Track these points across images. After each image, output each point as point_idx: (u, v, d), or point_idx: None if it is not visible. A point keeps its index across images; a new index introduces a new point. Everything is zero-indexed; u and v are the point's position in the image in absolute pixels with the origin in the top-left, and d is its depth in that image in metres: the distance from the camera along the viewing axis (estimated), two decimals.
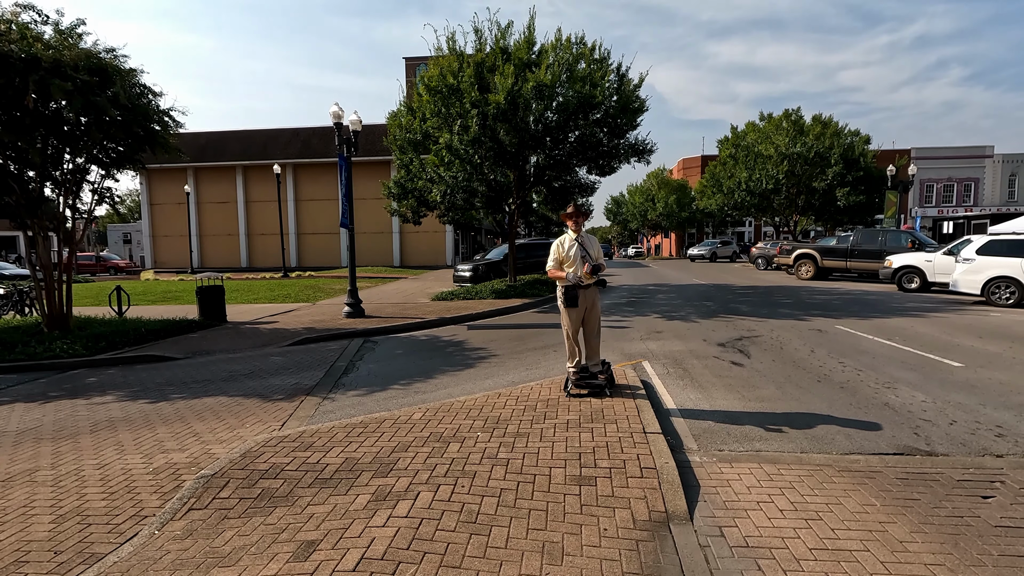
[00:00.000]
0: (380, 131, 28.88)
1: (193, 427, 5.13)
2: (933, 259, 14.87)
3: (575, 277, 5.14)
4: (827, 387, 5.79)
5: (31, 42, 7.90)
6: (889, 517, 3.12)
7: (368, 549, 2.80)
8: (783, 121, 29.88)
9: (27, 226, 9.12)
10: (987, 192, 45.18)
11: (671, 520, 3.09)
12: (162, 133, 9.46)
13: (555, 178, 15.81)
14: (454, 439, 4.30)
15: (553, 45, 13.50)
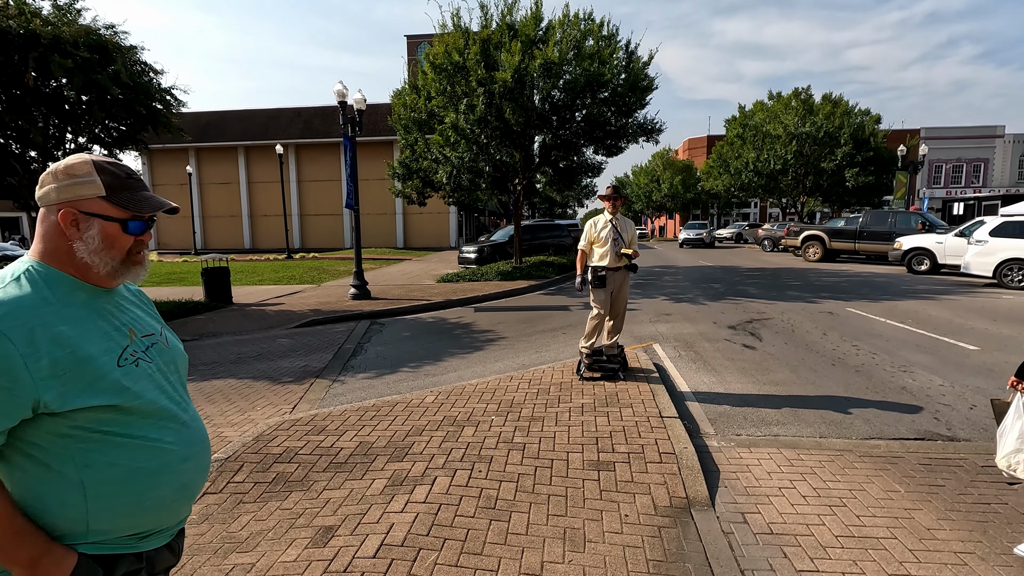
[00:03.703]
0: (383, 111, 28.53)
1: (203, 410, 5.10)
2: (944, 241, 14.70)
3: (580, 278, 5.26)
4: (842, 371, 5.73)
5: (29, 18, 7.73)
6: (915, 504, 3.07)
7: (387, 535, 2.76)
8: (792, 100, 29.39)
9: (31, 207, 9.04)
10: (997, 173, 44.61)
11: (692, 506, 3.05)
12: (164, 112, 9.31)
13: (561, 158, 15.60)
14: (468, 423, 4.26)
15: (561, 21, 13.20)
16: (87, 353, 1.07)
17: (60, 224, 1.11)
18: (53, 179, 1.13)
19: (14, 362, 0.98)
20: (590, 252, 5.27)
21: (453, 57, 12.66)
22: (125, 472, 1.08)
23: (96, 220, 1.12)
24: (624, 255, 5.10)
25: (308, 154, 34.46)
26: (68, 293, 1.12)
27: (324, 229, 34.84)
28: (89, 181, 1.12)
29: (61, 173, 1.12)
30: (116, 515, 1.08)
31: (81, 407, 1.04)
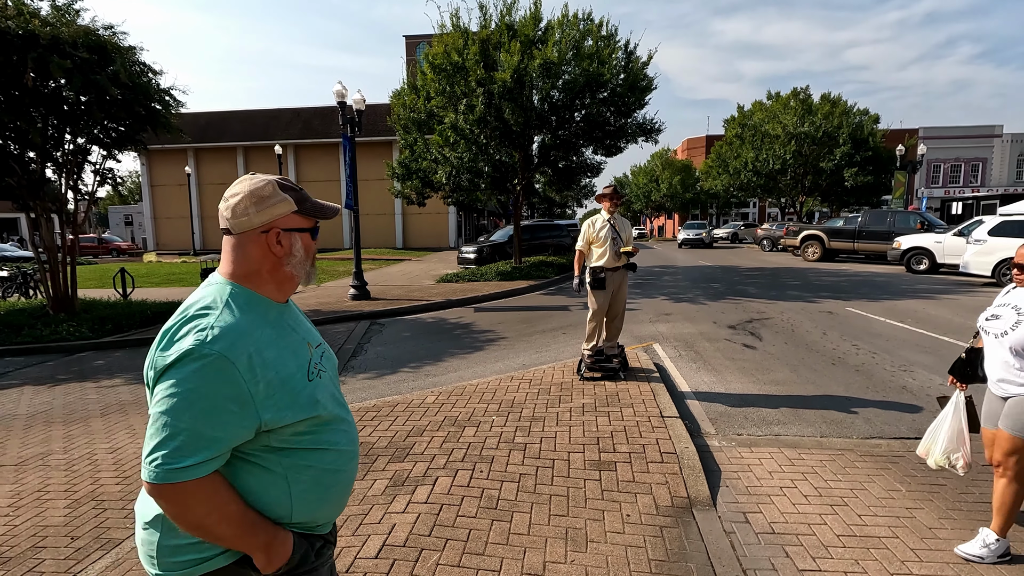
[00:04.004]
0: (382, 111, 28.53)
1: None
2: (943, 240, 14.72)
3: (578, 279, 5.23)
4: (842, 370, 5.73)
5: (28, 18, 7.70)
6: (916, 503, 3.08)
7: (389, 535, 2.76)
8: (791, 100, 29.41)
9: (29, 208, 9.01)
10: (995, 172, 44.67)
11: (694, 506, 3.05)
12: (163, 112, 9.28)
13: (561, 158, 15.61)
14: (469, 423, 4.26)
15: (560, 21, 13.20)
16: (287, 373, 1.17)
17: (265, 244, 1.21)
18: (245, 205, 1.21)
19: (241, 388, 1.08)
20: (588, 252, 5.26)
21: (452, 57, 12.66)
22: (317, 473, 1.22)
23: (295, 234, 1.26)
24: (624, 253, 5.10)
25: (307, 154, 34.44)
26: (264, 313, 1.21)
27: (323, 229, 33.43)
28: (281, 200, 1.23)
29: (252, 197, 1.21)
30: (311, 507, 1.22)
31: (289, 422, 1.15)
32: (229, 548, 1.14)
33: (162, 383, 1.06)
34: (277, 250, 1.22)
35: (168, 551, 1.14)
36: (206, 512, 1.08)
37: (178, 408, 1.04)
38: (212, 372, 1.05)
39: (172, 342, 1.08)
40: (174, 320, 1.13)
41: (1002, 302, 2.59)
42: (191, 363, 1.05)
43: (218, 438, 1.07)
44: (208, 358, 1.05)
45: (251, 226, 1.21)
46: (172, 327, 1.11)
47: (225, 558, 1.15)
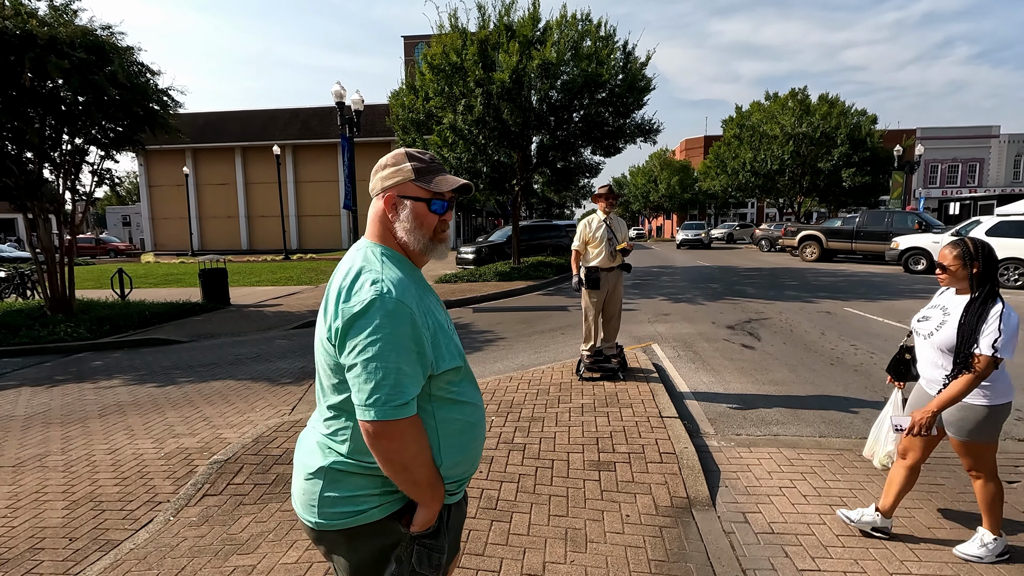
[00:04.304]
0: (381, 111, 28.52)
1: (202, 411, 5.08)
2: (940, 240, 14.74)
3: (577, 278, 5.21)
4: (841, 370, 5.74)
5: (26, 19, 7.68)
6: (914, 503, 3.08)
7: None
8: (789, 100, 29.47)
9: (27, 208, 8.99)
10: (992, 173, 44.78)
11: (693, 506, 3.05)
12: (162, 113, 9.27)
13: (559, 159, 15.61)
14: None
15: (558, 22, 13.20)
16: (440, 321, 1.27)
17: (383, 208, 1.30)
18: (379, 170, 1.32)
19: (419, 331, 1.16)
20: (584, 252, 5.26)
21: (451, 58, 12.65)
22: (461, 426, 1.29)
23: (408, 201, 1.29)
24: (621, 251, 5.10)
25: (306, 155, 34.42)
26: (409, 272, 1.29)
27: (322, 230, 34.79)
28: (402, 167, 1.30)
29: (384, 165, 1.32)
30: (455, 461, 1.28)
31: (443, 370, 1.23)
32: (417, 497, 1.22)
33: (356, 332, 1.13)
34: (391, 215, 1.30)
35: (328, 502, 1.23)
36: (417, 451, 1.17)
37: (384, 351, 1.11)
38: (398, 317, 1.14)
39: (351, 295, 1.16)
40: (343, 280, 1.21)
41: (933, 303, 2.61)
42: (379, 311, 1.13)
43: (417, 376, 1.16)
44: (391, 304, 1.14)
45: (376, 190, 1.33)
46: (345, 285, 1.19)
47: (379, 512, 1.24)
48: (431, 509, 1.23)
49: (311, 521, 1.26)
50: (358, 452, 1.22)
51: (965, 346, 2.32)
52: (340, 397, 1.22)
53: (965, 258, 2.40)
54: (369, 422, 1.13)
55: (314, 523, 1.25)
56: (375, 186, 1.33)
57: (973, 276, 2.39)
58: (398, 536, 1.25)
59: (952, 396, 2.32)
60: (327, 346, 1.21)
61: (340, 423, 1.25)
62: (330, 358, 1.21)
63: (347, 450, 1.23)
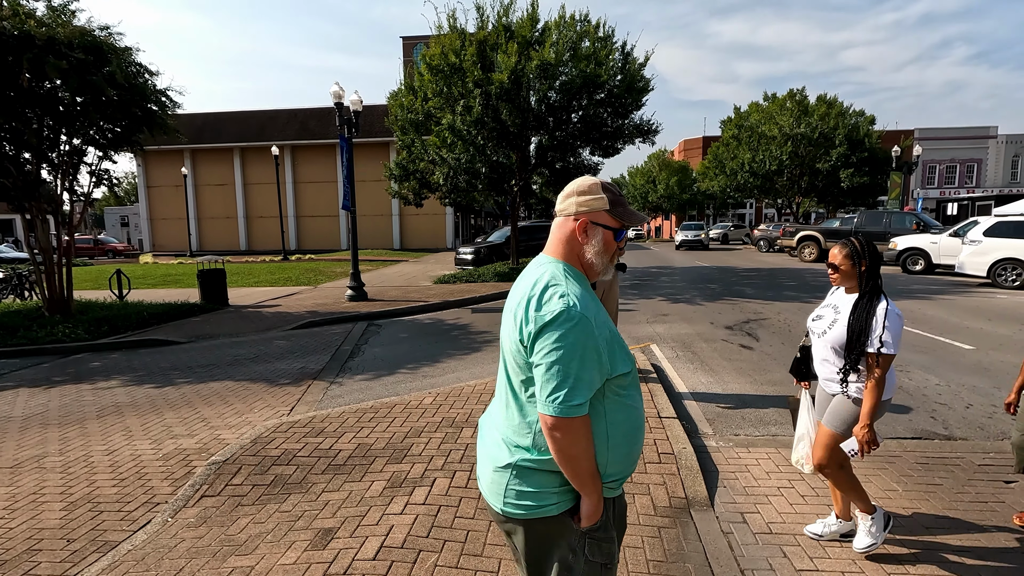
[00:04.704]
0: (379, 112, 28.54)
1: (201, 412, 5.08)
2: (938, 241, 14.79)
3: None
4: None
5: (24, 19, 7.68)
6: (913, 503, 3.09)
7: (387, 537, 2.76)
8: (787, 101, 29.51)
9: (25, 209, 8.98)
10: (990, 173, 44.86)
11: (692, 506, 3.05)
12: (160, 113, 9.27)
13: (558, 159, 15.62)
14: (467, 424, 4.25)
15: (557, 23, 13.22)
16: (613, 331, 1.39)
17: (574, 231, 1.42)
18: (573, 195, 1.44)
19: (598, 341, 1.30)
20: None
21: (449, 58, 12.66)
22: (627, 428, 1.40)
23: (600, 229, 1.43)
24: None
25: (304, 155, 34.39)
26: (586, 286, 1.43)
27: (320, 230, 34.76)
28: (599, 197, 1.42)
29: (580, 191, 1.44)
30: (619, 461, 1.40)
31: (616, 375, 1.36)
32: (580, 488, 1.36)
33: (545, 338, 1.28)
34: (582, 237, 1.43)
35: (515, 494, 1.38)
36: (584, 446, 1.31)
37: (567, 357, 1.27)
38: (582, 328, 1.28)
39: (542, 305, 1.31)
40: (531, 291, 1.35)
41: (826, 302, 2.63)
42: (567, 322, 1.27)
43: (592, 382, 1.30)
44: (576, 317, 1.28)
45: (568, 213, 1.44)
46: (534, 295, 1.34)
47: (556, 508, 1.38)
48: (591, 499, 1.36)
49: (497, 507, 1.42)
50: (537, 449, 1.37)
51: (855, 344, 2.35)
52: (526, 396, 1.39)
53: (854, 257, 2.44)
54: (548, 416, 1.29)
55: (500, 509, 1.41)
56: (567, 208, 1.44)
57: (861, 274, 2.42)
58: (572, 530, 1.40)
59: (874, 404, 2.33)
60: (519, 348, 1.35)
61: (525, 422, 1.40)
62: (522, 358, 1.35)
63: (528, 446, 1.39)
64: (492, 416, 1.57)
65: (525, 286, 1.39)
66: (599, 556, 1.43)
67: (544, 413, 1.30)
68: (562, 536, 1.41)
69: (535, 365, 1.31)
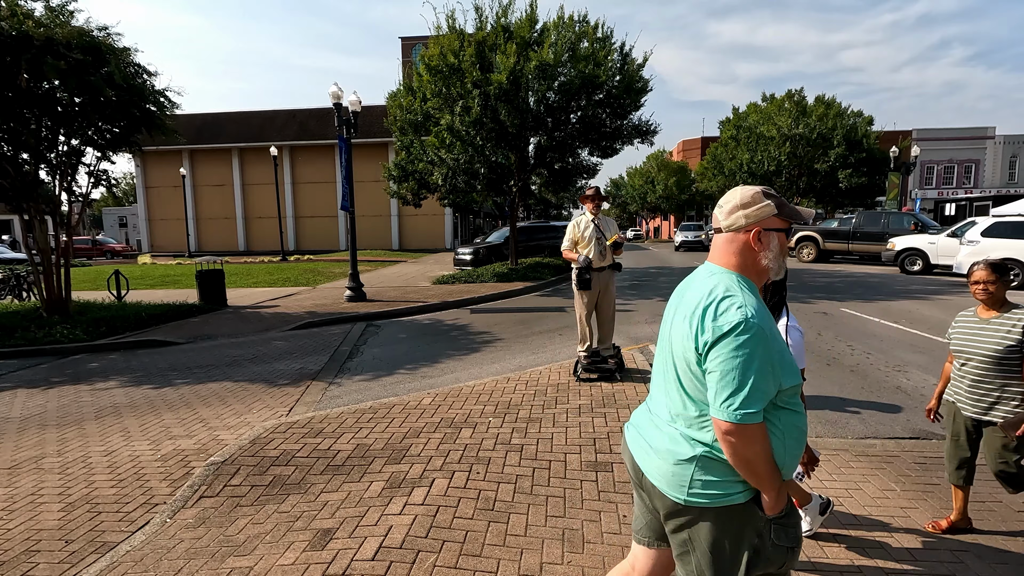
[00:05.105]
0: (377, 113, 28.53)
1: (199, 413, 5.07)
2: (936, 241, 14.81)
3: (585, 260, 5.07)
4: (837, 371, 5.76)
5: (22, 19, 7.67)
6: (910, 503, 3.09)
7: (386, 537, 2.76)
8: (786, 102, 29.56)
9: (23, 209, 8.97)
10: (988, 174, 44.95)
11: None
12: (159, 114, 9.26)
13: (556, 160, 15.62)
14: (466, 424, 4.26)
15: (556, 23, 13.23)
16: (784, 344, 1.45)
17: (749, 241, 1.49)
18: (737, 208, 1.51)
19: (772, 353, 1.36)
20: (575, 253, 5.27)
21: (448, 59, 12.66)
22: (797, 432, 1.47)
23: (774, 233, 1.50)
24: (613, 245, 5.11)
25: (303, 156, 34.37)
26: (759, 296, 1.49)
27: (319, 231, 34.74)
28: (765, 205, 1.49)
29: (743, 204, 1.51)
30: (791, 462, 1.47)
31: (788, 386, 1.42)
32: (758, 486, 1.42)
33: (722, 347, 1.35)
34: (757, 246, 1.49)
35: (700, 484, 1.45)
36: (759, 450, 1.36)
37: (743, 367, 1.33)
38: (758, 339, 1.34)
39: (718, 315, 1.37)
40: (707, 300, 1.42)
41: None
42: (744, 332, 1.33)
43: (767, 392, 1.36)
44: (754, 328, 1.34)
45: (738, 226, 1.50)
46: (711, 305, 1.40)
47: (742, 496, 1.45)
48: (770, 495, 1.42)
49: (679, 498, 1.48)
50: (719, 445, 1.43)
51: None
52: (704, 396, 1.44)
53: None
54: (724, 422, 1.34)
55: (683, 500, 1.47)
56: (735, 223, 1.51)
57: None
58: (757, 517, 1.46)
59: None
60: (692, 355, 1.42)
61: (704, 419, 1.46)
62: (695, 364, 1.42)
63: (711, 440, 1.45)
64: (655, 413, 1.65)
65: (698, 294, 1.46)
66: (785, 540, 1.49)
67: (718, 418, 1.36)
68: (749, 522, 1.47)
69: (709, 372, 1.38)
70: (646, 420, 1.68)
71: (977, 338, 2.63)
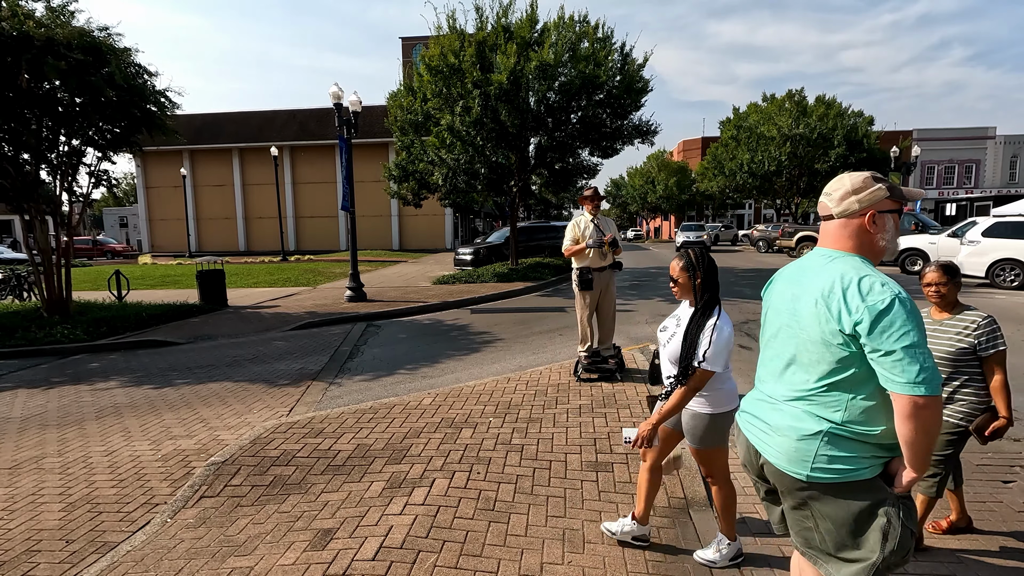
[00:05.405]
0: (378, 113, 28.54)
1: (199, 413, 5.08)
2: (937, 241, 14.81)
3: (598, 242, 5.05)
4: None
5: (22, 20, 7.68)
6: None
7: (386, 537, 2.76)
8: (786, 102, 29.55)
9: (23, 210, 8.97)
10: (988, 174, 44.95)
11: (691, 506, 3.06)
12: (159, 114, 9.27)
13: (557, 160, 15.62)
14: (466, 425, 4.26)
15: (556, 23, 13.24)
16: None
17: (864, 224, 1.55)
18: (850, 194, 1.56)
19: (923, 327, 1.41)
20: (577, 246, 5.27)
21: (448, 59, 12.67)
22: None
23: (888, 215, 1.56)
24: (611, 243, 5.11)
25: (303, 156, 34.38)
26: None
27: (319, 231, 34.75)
28: (877, 188, 1.54)
29: (855, 189, 1.56)
30: None
31: None
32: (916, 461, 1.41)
33: (887, 324, 1.38)
34: (873, 228, 1.55)
35: (825, 459, 1.49)
36: (937, 421, 1.38)
37: (918, 339, 1.37)
38: (916, 314, 1.39)
39: (865, 294, 1.42)
40: (842, 282, 1.46)
41: (674, 313, 2.61)
42: (901, 308, 1.38)
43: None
44: (908, 303, 1.39)
45: (851, 212, 1.56)
46: (848, 286, 1.45)
47: (869, 472, 1.48)
48: (919, 474, 1.43)
49: (801, 474, 1.52)
50: (850, 422, 1.48)
51: (685, 357, 2.34)
52: (835, 378, 1.49)
53: (689, 269, 2.42)
54: (920, 396, 1.34)
55: (805, 476, 1.52)
56: (847, 208, 1.56)
57: (696, 287, 2.40)
58: (884, 494, 1.48)
59: (669, 408, 2.35)
60: (834, 336, 1.46)
61: (832, 397, 1.50)
62: (835, 345, 1.46)
63: (840, 419, 1.49)
64: (769, 395, 1.70)
65: (827, 278, 1.50)
66: (910, 523, 1.50)
67: (914, 394, 1.35)
68: (873, 498, 1.49)
69: (881, 352, 1.38)
70: (759, 404, 1.73)
71: (930, 340, 2.62)
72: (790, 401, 1.60)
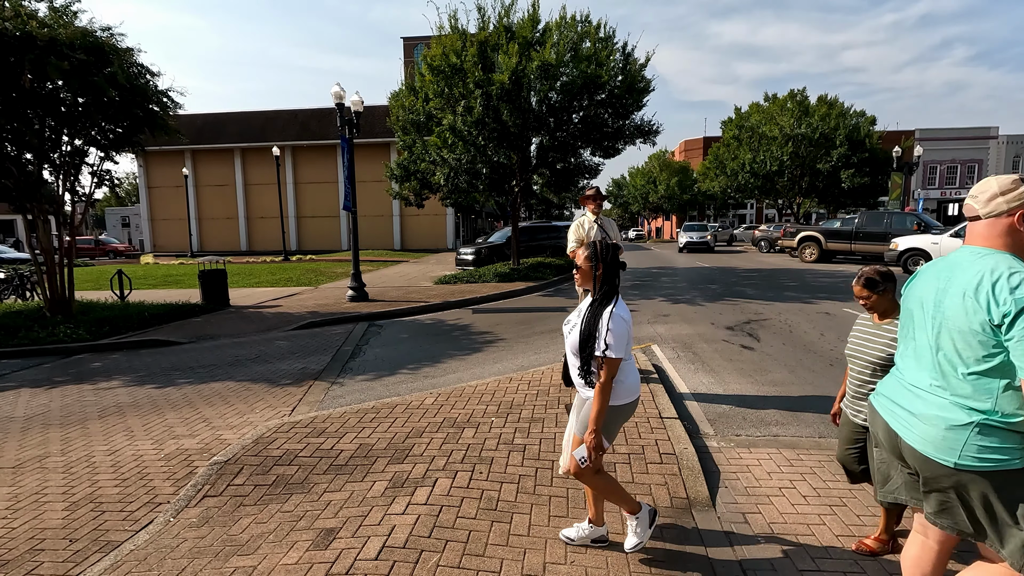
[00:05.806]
0: (380, 113, 28.54)
1: (202, 412, 5.08)
2: (939, 241, 14.78)
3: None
4: (840, 371, 5.74)
5: (25, 20, 7.69)
6: None
7: (389, 537, 2.76)
8: (788, 102, 29.53)
9: (26, 209, 8.99)
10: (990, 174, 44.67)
11: (693, 507, 3.06)
12: (161, 114, 9.28)
13: (559, 160, 15.62)
14: (468, 424, 4.26)
15: (558, 23, 13.23)
16: None
17: (1014, 224, 1.61)
18: (997, 195, 1.64)
19: None
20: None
21: (450, 59, 12.67)
22: None
23: None
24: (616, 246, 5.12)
25: (305, 156, 34.40)
26: None
27: (321, 231, 34.77)
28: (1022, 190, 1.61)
29: (1005, 190, 1.63)
30: None
31: None
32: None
33: None
34: (1022, 227, 1.61)
35: (976, 448, 1.56)
36: None
37: None
38: None
39: (1014, 288, 1.49)
40: (993, 277, 1.54)
41: (579, 307, 2.60)
42: None
43: None
44: None
45: (999, 212, 1.63)
46: (997, 280, 1.52)
47: (1020, 462, 1.55)
48: None
49: (948, 461, 1.60)
50: (999, 412, 1.54)
51: (585, 347, 2.35)
52: (984, 367, 1.55)
53: (593, 260, 2.44)
54: None
55: (952, 463, 1.59)
56: (995, 209, 1.64)
57: (596, 277, 2.41)
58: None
59: (599, 409, 2.32)
60: (983, 327, 1.52)
61: (981, 387, 1.56)
62: (985, 336, 1.53)
63: (989, 409, 1.55)
64: (910, 383, 1.78)
65: (977, 273, 1.58)
66: None
67: None
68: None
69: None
70: (898, 390, 1.83)
71: (867, 344, 2.59)
72: (930, 391, 1.69)
